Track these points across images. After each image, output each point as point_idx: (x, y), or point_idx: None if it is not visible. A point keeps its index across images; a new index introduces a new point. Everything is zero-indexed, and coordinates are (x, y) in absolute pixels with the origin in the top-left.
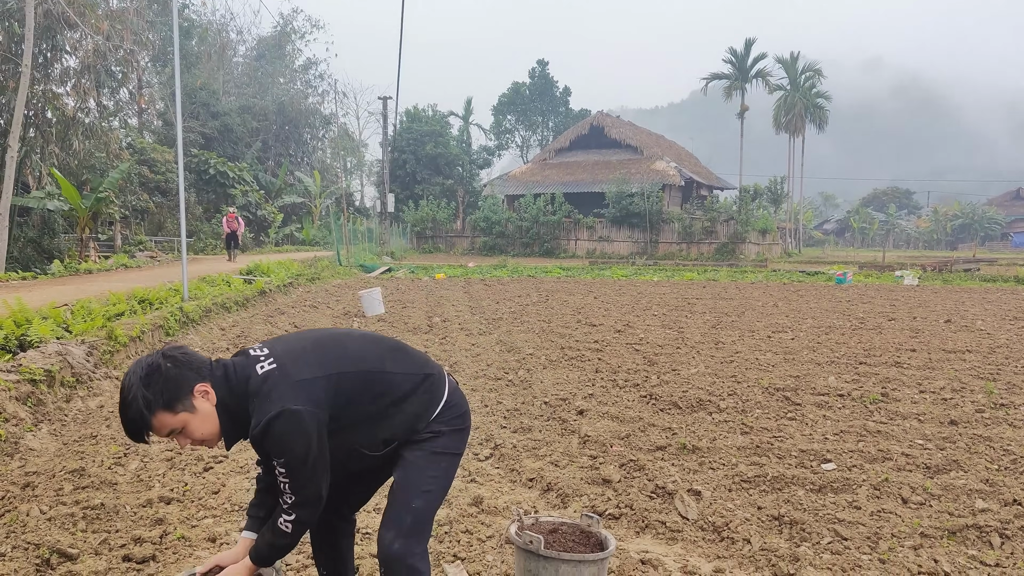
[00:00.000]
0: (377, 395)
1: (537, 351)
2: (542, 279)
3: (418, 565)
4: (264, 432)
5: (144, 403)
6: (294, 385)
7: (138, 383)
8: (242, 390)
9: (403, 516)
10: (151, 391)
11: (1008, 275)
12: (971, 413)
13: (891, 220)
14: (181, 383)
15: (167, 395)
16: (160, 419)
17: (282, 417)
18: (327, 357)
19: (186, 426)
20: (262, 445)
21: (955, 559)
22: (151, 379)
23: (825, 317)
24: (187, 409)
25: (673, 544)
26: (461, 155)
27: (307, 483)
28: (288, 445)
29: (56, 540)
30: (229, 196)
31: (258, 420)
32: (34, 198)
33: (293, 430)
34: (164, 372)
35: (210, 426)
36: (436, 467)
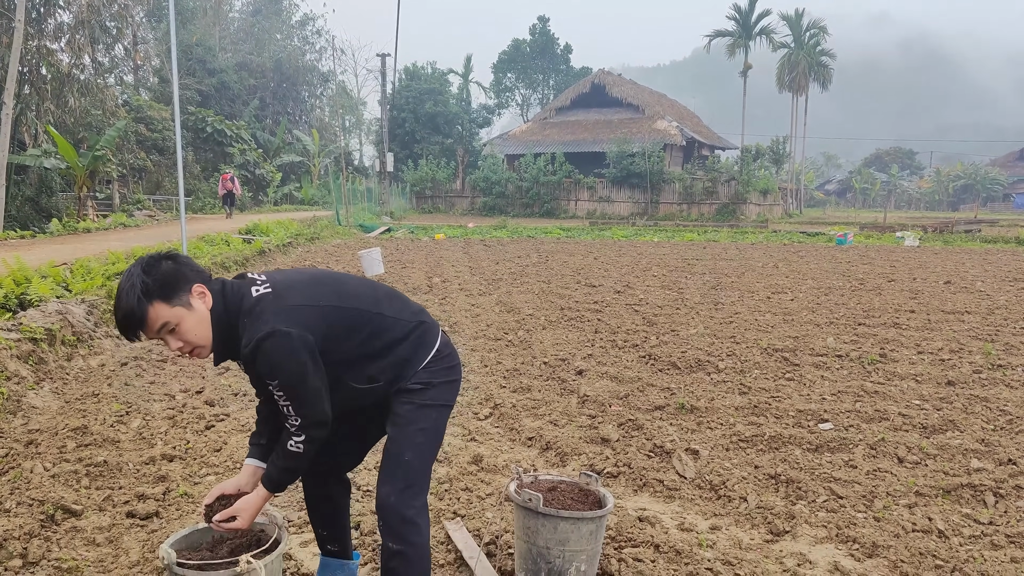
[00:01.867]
0: (368, 335)
1: (536, 312)
2: (542, 240)
3: (415, 519)
4: (254, 351)
5: (143, 289)
6: (286, 309)
7: (139, 271)
8: (235, 307)
9: (396, 470)
10: (151, 278)
11: (1009, 236)
12: (969, 374)
13: (893, 181)
14: (180, 278)
15: (166, 286)
16: (156, 310)
17: (273, 337)
18: (322, 291)
19: (180, 323)
20: (254, 365)
21: (949, 517)
22: (151, 268)
23: (825, 278)
24: (183, 305)
25: (670, 502)
26: (461, 114)
27: (308, 402)
28: (280, 366)
29: (60, 496)
30: (227, 155)
31: (249, 338)
32: (31, 156)
33: (284, 350)
34: (164, 266)
35: (204, 330)
36: (426, 419)
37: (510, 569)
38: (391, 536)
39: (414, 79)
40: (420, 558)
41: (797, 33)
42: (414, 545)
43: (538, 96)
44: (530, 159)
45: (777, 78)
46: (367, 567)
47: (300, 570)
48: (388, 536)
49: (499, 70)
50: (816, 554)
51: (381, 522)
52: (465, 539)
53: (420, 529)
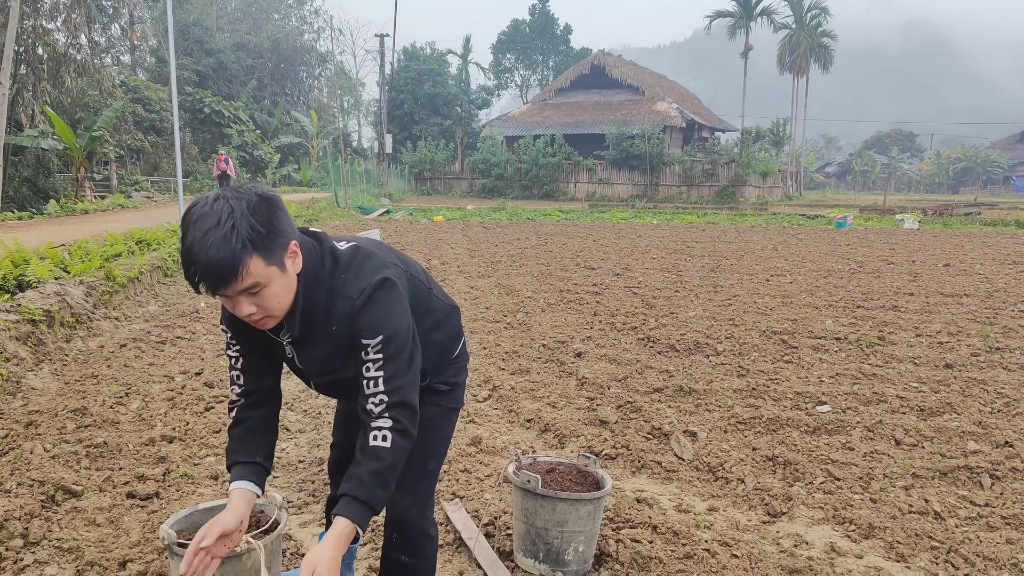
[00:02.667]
0: (425, 310)
1: (536, 294)
2: (541, 222)
3: (430, 530)
4: (368, 301)
5: (249, 236)
6: (387, 263)
7: (245, 211)
8: (329, 263)
9: (420, 482)
10: (259, 222)
11: (1009, 219)
12: (966, 356)
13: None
14: (283, 230)
15: (270, 237)
16: (254, 264)
17: (386, 285)
18: (394, 255)
19: (269, 286)
20: (356, 320)
21: (945, 499)
22: (260, 211)
23: (824, 261)
24: (278, 264)
25: (668, 483)
26: (460, 95)
27: (406, 371)
28: (392, 317)
29: (60, 477)
30: (225, 136)
31: (360, 288)
32: (28, 136)
33: (395, 301)
34: (273, 209)
35: (288, 297)
36: (449, 425)
37: (509, 549)
38: (408, 551)
39: (413, 60)
40: (431, 569)
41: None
42: (428, 558)
43: (538, 77)
44: (529, 141)
45: (778, 59)
46: (366, 547)
47: (300, 550)
48: (404, 551)
49: (498, 51)
50: (813, 535)
51: (397, 535)
52: (464, 520)
53: (434, 541)
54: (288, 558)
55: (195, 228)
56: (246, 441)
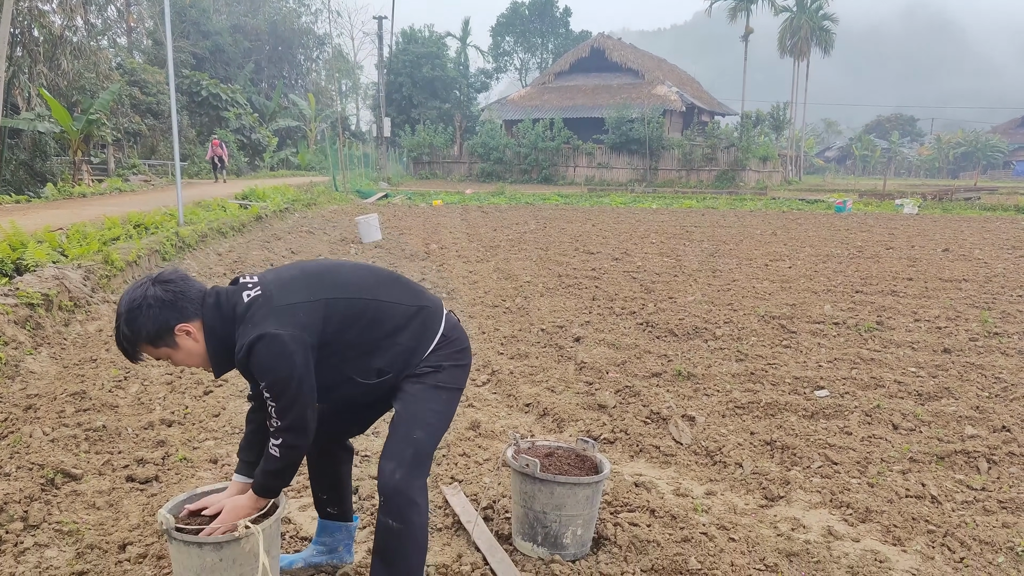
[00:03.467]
0: (368, 324)
1: (534, 279)
2: (540, 206)
3: (417, 498)
4: (247, 355)
5: (127, 337)
6: (277, 310)
7: (122, 320)
8: (231, 317)
9: (404, 448)
10: (131, 329)
11: (1008, 204)
12: (965, 341)
13: (894, 148)
14: (161, 323)
15: (146, 334)
16: (144, 350)
17: (263, 340)
18: (316, 284)
19: (170, 357)
20: (247, 369)
21: (942, 483)
22: (132, 317)
23: (823, 246)
24: (168, 345)
25: (667, 468)
26: (458, 78)
27: (292, 406)
28: (270, 368)
29: (60, 460)
30: (222, 119)
31: (241, 344)
32: (24, 119)
33: (275, 353)
34: (145, 312)
35: (194, 359)
36: (437, 400)
37: (507, 533)
38: (393, 515)
39: (411, 43)
40: (418, 537)
41: None
42: (414, 524)
43: (537, 60)
44: (528, 125)
45: (779, 43)
46: (365, 530)
47: (299, 534)
48: (389, 514)
49: (497, 33)
50: (810, 519)
51: (383, 499)
52: (463, 504)
53: (421, 509)
54: (287, 541)
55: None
56: (249, 441)
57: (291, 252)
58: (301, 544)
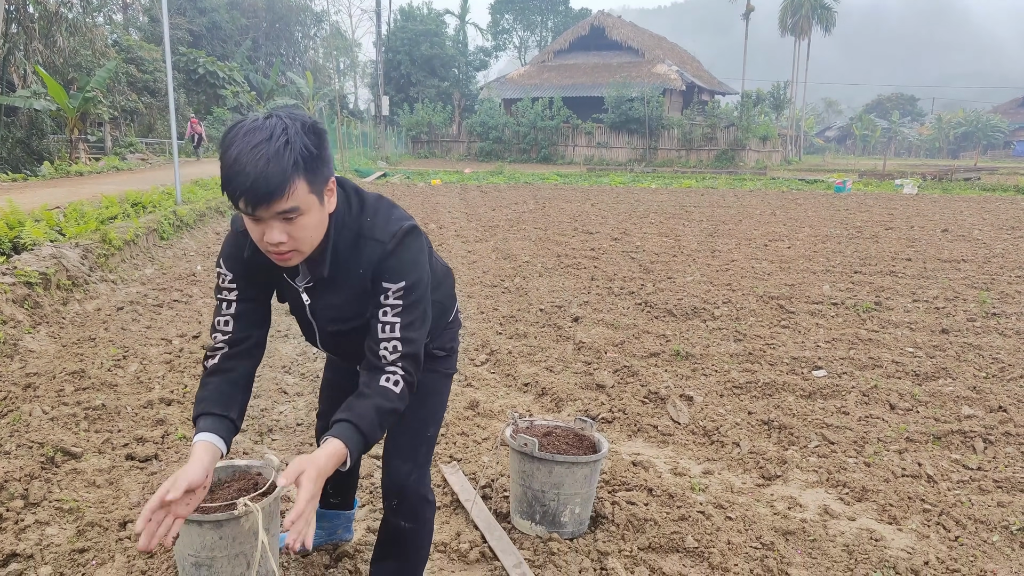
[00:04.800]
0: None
1: (533, 258)
2: (539, 186)
3: (428, 495)
4: (398, 245)
5: (302, 154)
6: (408, 214)
7: (300, 131)
8: (356, 206)
9: (419, 446)
10: (313, 142)
11: (1008, 184)
12: (963, 322)
13: (894, 127)
14: (328, 162)
15: (319, 163)
16: (298, 186)
17: (414, 233)
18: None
19: (306, 214)
20: (383, 264)
21: (939, 463)
22: (313, 135)
23: (822, 226)
24: (318, 194)
25: (664, 447)
26: (457, 56)
27: (423, 320)
28: (417, 264)
29: (59, 439)
30: (219, 97)
31: (391, 233)
32: (20, 97)
33: (421, 250)
34: (324, 139)
35: (321, 230)
36: (445, 391)
37: (505, 512)
38: (407, 516)
39: (410, 20)
40: (430, 533)
41: None
42: (428, 522)
43: (536, 39)
44: (527, 103)
45: (780, 21)
46: (364, 508)
47: None
48: (403, 517)
49: (496, 11)
50: (806, 498)
51: (397, 502)
52: (461, 482)
53: (433, 506)
54: None
55: (243, 140)
56: (223, 393)
57: None
58: None
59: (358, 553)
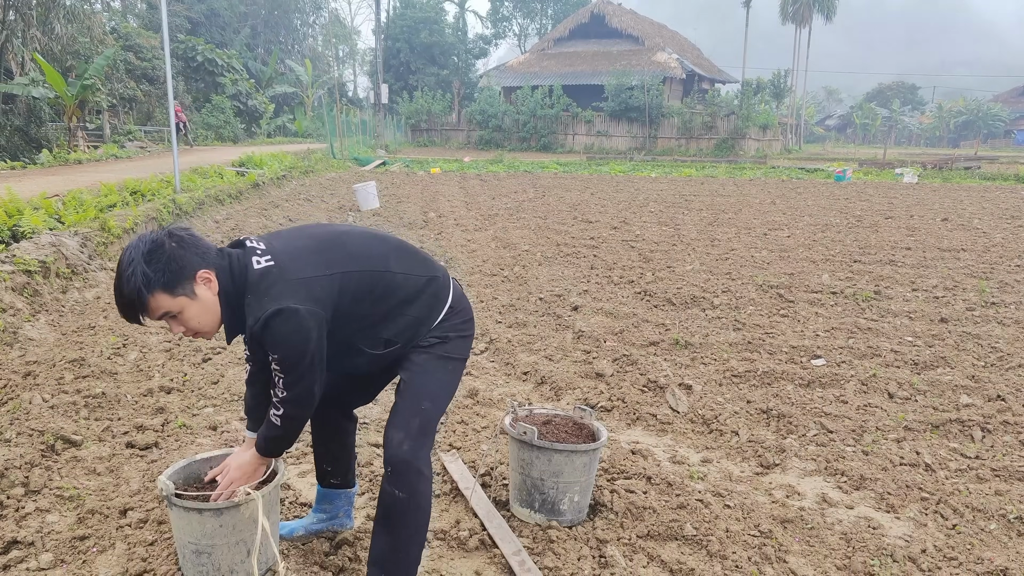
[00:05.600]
0: (380, 296)
1: (533, 247)
2: (539, 175)
3: (423, 469)
4: (263, 328)
5: (144, 280)
6: (294, 283)
7: (140, 258)
8: (242, 282)
9: (412, 418)
10: (152, 268)
11: (1008, 173)
12: (962, 311)
13: (895, 116)
14: (184, 265)
15: (168, 275)
16: (157, 300)
17: (282, 315)
18: (328, 256)
19: (183, 311)
20: (260, 341)
21: (936, 451)
22: (153, 256)
23: (822, 215)
24: (187, 294)
25: (663, 435)
26: (457, 44)
27: (301, 380)
28: (286, 342)
29: (59, 427)
30: (218, 84)
31: (256, 317)
32: (18, 84)
33: (293, 328)
34: (168, 251)
35: (209, 316)
36: (443, 371)
37: (505, 500)
38: (400, 485)
39: (409, 7)
40: (425, 507)
41: None
42: (421, 494)
43: (536, 26)
44: (527, 91)
45: (780, 9)
46: (364, 496)
47: (298, 500)
48: (396, 485)
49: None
50: (804, 486)
51: (390, 470)
52: (461, 470)
53: (427, 479)
54: (286, 507)
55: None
56: (260, 403)
57: (289, 220)
58: (300, 510)
59: (358, 541)
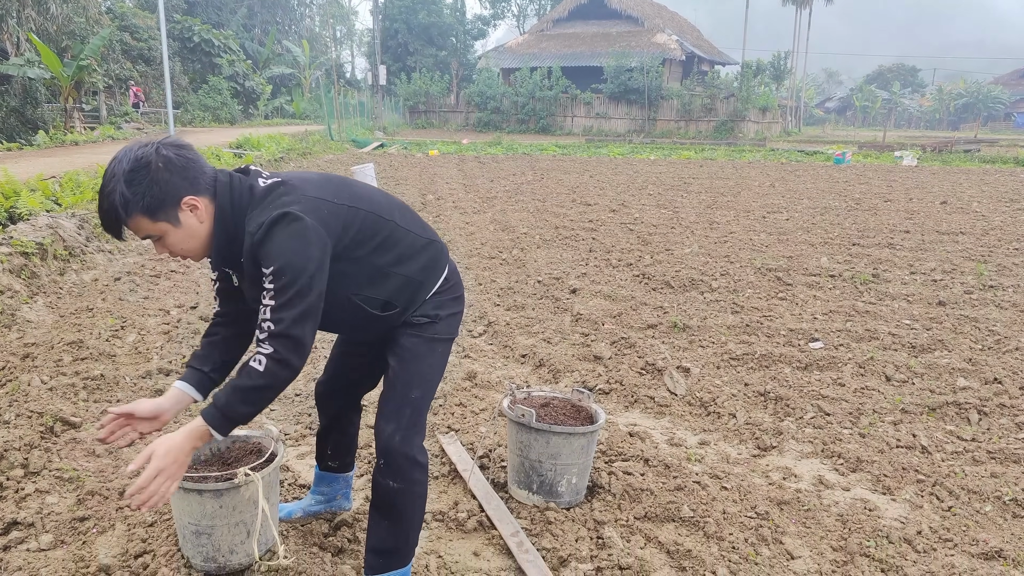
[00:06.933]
0: (382, 244)
1: (531, 230)
2: (537, 157)
3: (418, 457)
4: (265, 233)
5: (122, 201)
6: (303, 198)
7: (120, 177)
8: (244, 199)
9: (403, 408)
10: (132, 190)
11: (1008, 156)
12: (960, 294)
13: (895, 98)
14: (168, 191)
15: (149, 199)
16: (137, 222)
17: (287, 218)
18: (339, 189)
19: (165, 236)
20: (256, 252)
21: (933, 434)
22: (135, 177)
23: (821, 198)
24: (169, 220)
25: (661, 418)
26: (455, 25)
27: (296, 303)
28: (286, 249)
29: (58, 409)
30: (215, 65)
31: (259, 223)
32: (13, 65)
33: (295, 234)
34: (152, 174)
35: (194, 243)
36: (433, 354)
37: (503, 481)
38: (395, 476)
39: None
40: (421, 493)
41: None
42: (417, 483)
43: (535, 7)
44: (526, 73)
45: None
46: (363, 478)
47: (297, 481)
48: (390, 476)
49: None
50: (801, 468)
51: (383, 461)
52: (459, 452)
53: (423, 467)
54: (286, 489)
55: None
56: (204, 352)
57: None
58: (299, 491)
59: (357, 522)
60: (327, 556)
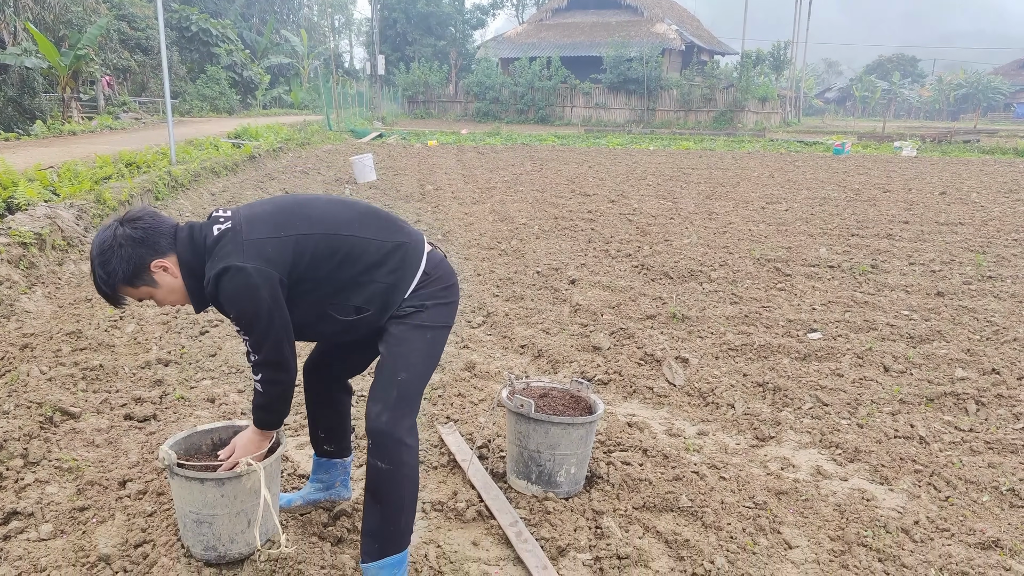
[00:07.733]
0: (342, 260)
1: (530, 221)
2: (536, 147)
3: (406, 438)
4: (214, 288)
5: (103, 280)
6: (242, 244)
7: (96, 262)
8: (201, 250)
9: (389, 389)
10: (106, 270)
11: (1007, 147)
12: (958, 285)
13: (894, 89)
14: (135, 262)
15: (122, 273)
16: (123, 291)
17: (228, 273)
18: (286, 219)
19: (152, 296)
20: (218, 303)
21: (931, 424)
22: (105, 259)
23: (820, 188)
24: (147, 283)
25: (659, 408)
26: (454, 14)
27: (264, 340)
28: (237, 301)
29: (58, 399)
30: (213, 55)
31: (208, 277)
32: (11, 54)
33: (240, 286)
34: (118, 251)
35: (177, 295)
36: (421, 340)
37: (502, 471)
38: (382, 456)
39: None
40: (410, 478)
41: None
42: (406, 465)
43: None
44: (525, 63)
45: None
46: (362, 468)
47: (297, 471)
48: (379, 456)
49: None
50: (799, 458)
51: (371, 442)
52: (458, 443)
53: (412, 448)
54: (285, 479)
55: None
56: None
57: (284, 192)
58: (299, 481)
59: (356, 511)
60: (326, 546)
